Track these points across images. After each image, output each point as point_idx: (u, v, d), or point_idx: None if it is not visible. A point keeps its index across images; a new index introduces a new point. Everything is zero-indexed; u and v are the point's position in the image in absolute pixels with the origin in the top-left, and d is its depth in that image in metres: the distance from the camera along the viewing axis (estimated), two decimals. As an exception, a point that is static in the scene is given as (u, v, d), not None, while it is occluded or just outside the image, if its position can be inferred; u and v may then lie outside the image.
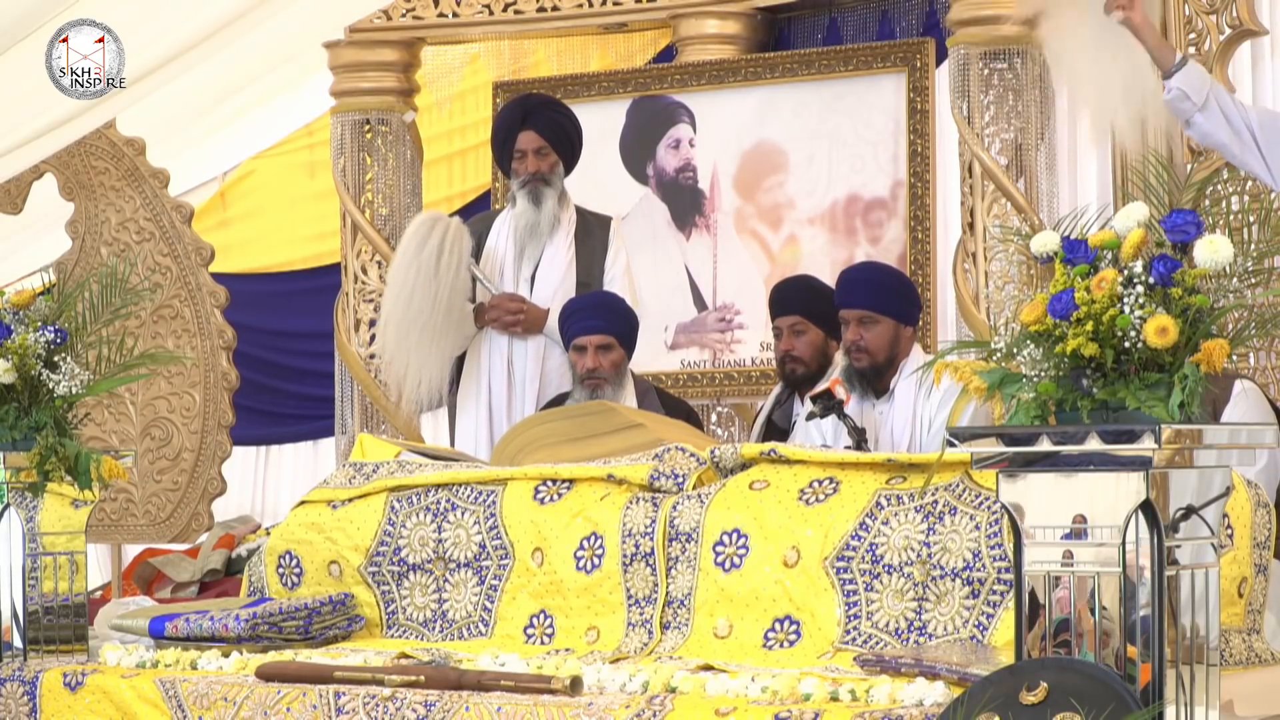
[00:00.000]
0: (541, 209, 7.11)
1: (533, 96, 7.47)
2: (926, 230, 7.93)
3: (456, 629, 5.39)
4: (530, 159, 7.11)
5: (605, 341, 6.71)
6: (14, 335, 5.56)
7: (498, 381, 7.11)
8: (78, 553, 5.74)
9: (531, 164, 7.11)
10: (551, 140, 7.12)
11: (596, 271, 7.17)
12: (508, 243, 7.16)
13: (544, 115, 7.16)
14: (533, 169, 7.11)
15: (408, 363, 7.05)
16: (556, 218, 7.14)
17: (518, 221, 7.14)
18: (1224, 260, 3.89)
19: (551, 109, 7.24)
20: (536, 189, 7.12)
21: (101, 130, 8.56)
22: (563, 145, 7.16)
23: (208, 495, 8.58)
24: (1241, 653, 4.50)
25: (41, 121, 8.32)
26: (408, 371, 7.06)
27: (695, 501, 5.11)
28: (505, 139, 7.17)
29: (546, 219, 7.12)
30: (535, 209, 7.12)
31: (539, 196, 7.11)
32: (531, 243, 7.14)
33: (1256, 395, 5.53)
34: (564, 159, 7.17)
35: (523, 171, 7.13)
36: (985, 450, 3.97)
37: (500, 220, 7.24)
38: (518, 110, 7.21)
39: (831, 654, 4.72)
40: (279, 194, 10.30)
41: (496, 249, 7.17)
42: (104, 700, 5.16)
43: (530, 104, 7.24)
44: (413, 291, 6.99)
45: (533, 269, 7.14)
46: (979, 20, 7.62)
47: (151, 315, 8.54)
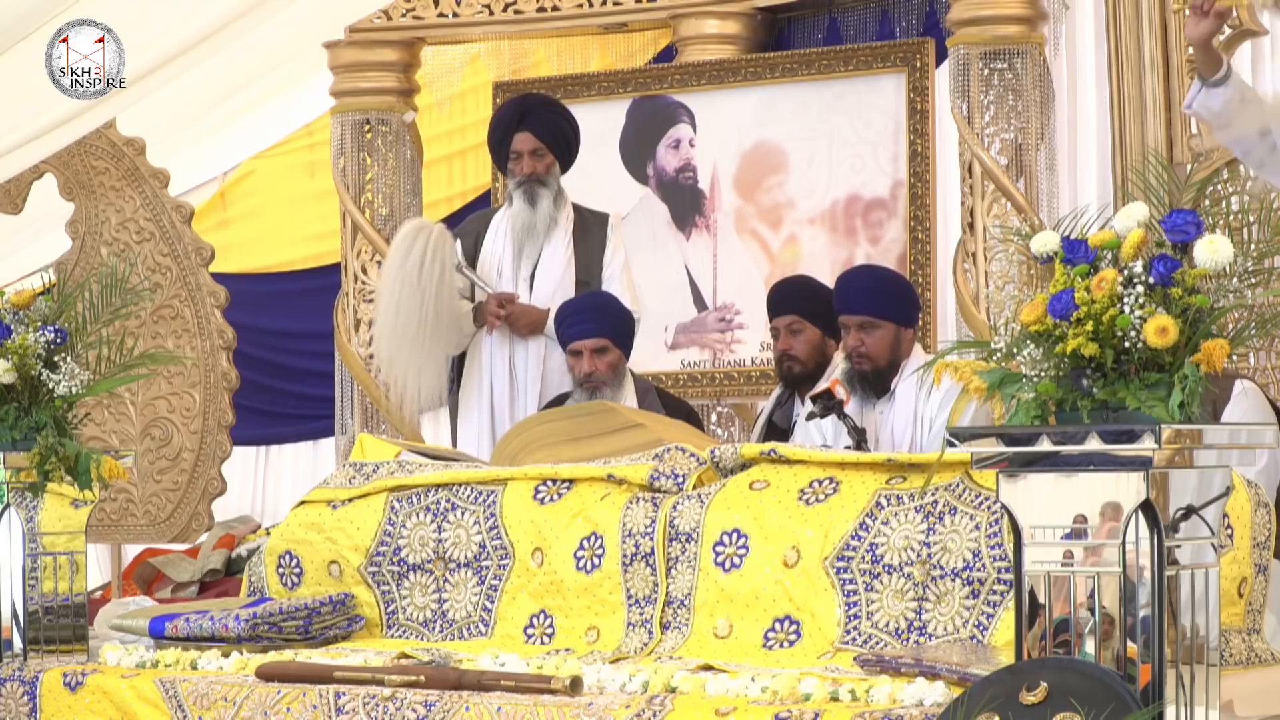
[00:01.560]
0: (537, 209, 7.12)
1: (531, 97, 7.47)
2: (926, 230, 7.93)
3: (456, 629, 5.39)
4: (526, 160, 7.12)
5: (600, 345, 6.71)
6: (14, 335, 5.56)
7: (500, 382, 7.12)
8: (78, 553, 5.74)
9: (527, 165, 7.12)
10: (548, 141, 7.13)
11: (595, 269, 7.17)
12: (505, 242, 7.17)
13: (541, 116, 7.16)
14: (528, 170, 7.12)
15: (404, 372, 7.09)
16: (553, 218, 7.14)
17: (514, 222, 7.15)
18: (1224, 260, 3.89)
19: (549, 110, 7.24)
20: (532, 189, 7.13)
21: (101, 130, 8.56)
22: (559, 146, 7.17)
23: (208, 495, 8.58)
24: (1241, 653, 4.50)
25: (41, 121, 8.32)
26: (406, 381, 7.10)
27: (695, 501, 5.11)
28: (502, 139, 7.19)
29: (542, 219, 7.13)
30: (531, 209, 7.13)
31: (534, 197, 7.13)
32: (529, 243, 7.15)
33: (1256, 395, 5.53)
34: (560, 160, 7.18)
35: (519, 172, 7.14)
36: (985, 450, 3.97)
37: (498, 219, 7.25)
38: (515, 110, 7.21)
39: (831, 654, 4.72)
40: (279, 194, 10.30)
41: (494, 248, 7.17)
42: (104, 700, 5.15)
43: (528, 105, 7.25)
44: (399, 304, 7.03)
45: (531, 268, 7.15)
46: (979, 20, 7.62)
47: (151, 315, 8.54)
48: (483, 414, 7.09)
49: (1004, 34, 7.59)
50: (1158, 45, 7.22)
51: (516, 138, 7.13)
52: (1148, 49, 7.23)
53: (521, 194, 7.14)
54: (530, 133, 7.12)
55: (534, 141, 7.12)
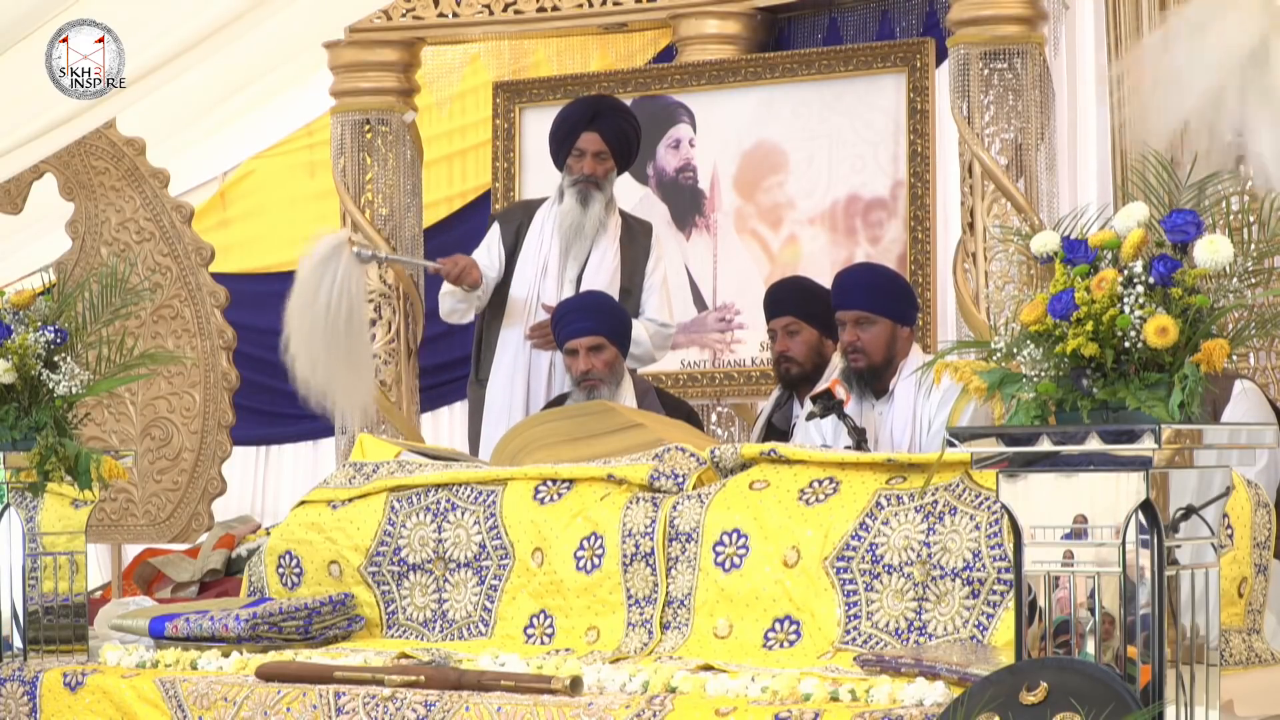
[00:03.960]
0: (588, 212, 7.10)
1: (604, 98, 7.44)
2: (926, 230, 7.93)
3: (456, 629, 5.39)
4: (589, 161, 7.09)
5: (596, 343, 6.71)
6: (14, 335, 5.56)
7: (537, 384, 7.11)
8: (78, 553, 5.74)
9: (589, 166, 7.09)
10: (613, 146, 7.12)
11: (638, 278, 7.18)
12: (552, 238, 7.14)
13: (612, 120, 7.14)
14: (589, 171, 7.09)
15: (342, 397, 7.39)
16: (602, 222, 7.12)
17: (562, 220, 7.12)
18: (1224, 260, 3.89)
19: (621, 115, 7.21)
20: (587, 191, 7.11)
21: (101, 130, 8.56)
22: (622, 153, 7.17)
23: (208, 495, 8.58)
24: (1241, 653, 4.50)
25: (41, 121, 8.31)
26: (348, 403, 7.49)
27: (695, 501, 5.11)
28: (569, 134, 7.14)
29: (592, 222, 7.10)
30: (582, 210, 7.10)
31: (588, 199, 7.10)
32: (576, 243, 7.12)
33: (1256, 395, 5.53)
34: (620, 166, 7.19)
35: (577, 171, 7.11)
36: (985, 450, 3.97)
37: (544, 212, 7.20)
38: (588, 109, 7.17)
39: (831, 654, 4.72)
40: (279, 194, 10.30)
41: (539, 242, 7.14)
42: (104, 700, 5.16)
43: (602, 105, 7.22)
44: (313, 339, 7.17)
45: (578, 270, 7.13)
46: (979, 20, 7.63)
47: (151, 315, 8.54)
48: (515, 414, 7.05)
49: (1004, 34, 7.59)
50: (1158, 45, 7.22)
51: (584, 136, 7.10)
52: (1148, 49, 7.22)
53: (575, 193, 7.11)
54: (599, 134, 7.10)
55: (601, 144, 7.10)
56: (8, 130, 8.35)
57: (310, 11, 8.50)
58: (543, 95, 8.56)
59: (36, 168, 8.69)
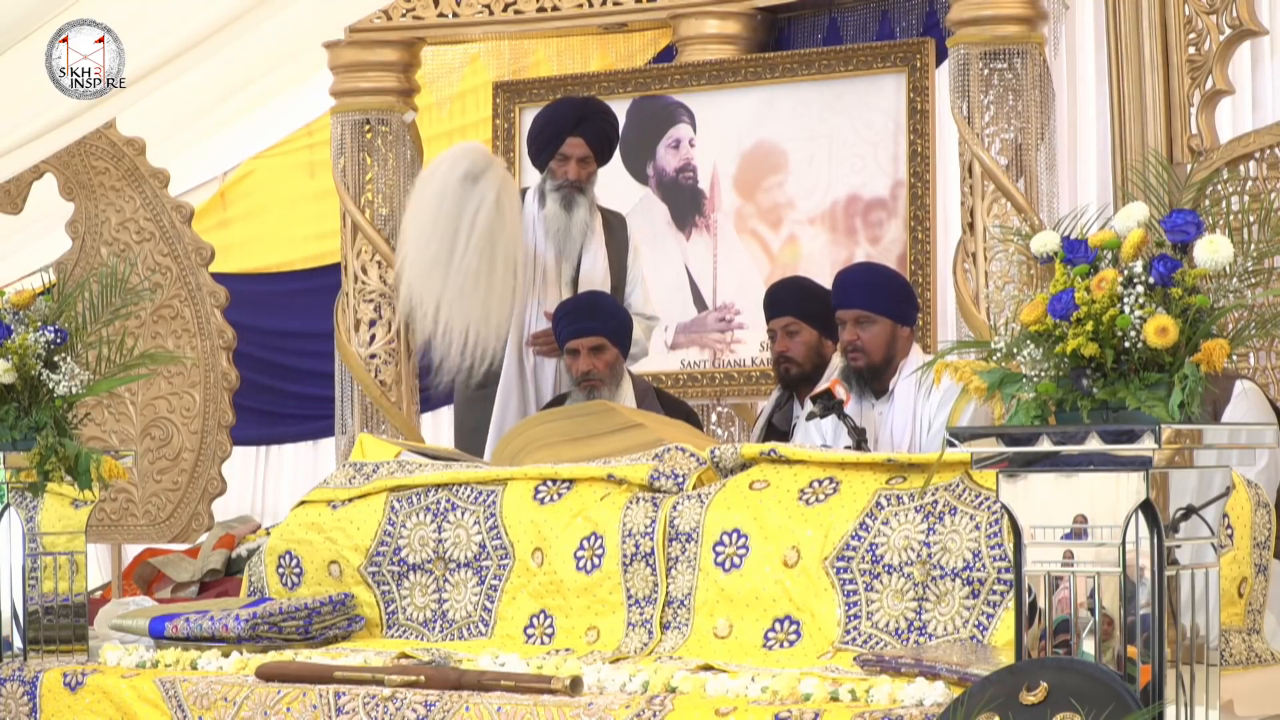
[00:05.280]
0: (573, 217, 7.08)
1: (591, 101, 7.38)
2: (926, 230, 7.93)
3: (456, 629, 5.39)
4: (574, 166, 7.06)
5: (596, 343, 6.70)
6: (14, 335, 5.56)
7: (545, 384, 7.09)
8: (78, 553, 5.74)
9: (573, 171, 7.06)
10: (597, 151, 7.09)
11: (623, 273, 7.17)
12: (546, 242, 7.12)
13: (597, 125, 7.11)
14: (574, 176, 7.06)
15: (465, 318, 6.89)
16: (588, 225, 7.11)
17: (548, 224, 7.10)
18: (1224, 260, 3.89)
19: (605, 119, 7.17)
20: (571, 196, 7.08)
21: (101, 130, 8.56)
22: (604, 156, 7.15)
23: (208, 495, 8.58)
24: (1241, 653, 4.50)
25: (41, 121, 8.31)
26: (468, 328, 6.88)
27: (695, 501, 5.11)
28: (554, 137, 7.09)
29: (578, 227, 7.09)
30: (566, 215, 7.08)
31: (572, 203, 7.08)
32: (567, 246, 7.11)
33: (1257, 395, 5.53)
34: (599, 164, 7.16)
35: (561, 175, 7.08)
36: (985, 450, 3.97)
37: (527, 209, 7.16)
38: (573, 113, 7.11)
39: (831, 654, 4.72)
40: (279, 194, 10.30)
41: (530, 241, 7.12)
42: (104, 700, 5.16)
43: (588, 109, 7.16)
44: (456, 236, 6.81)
45: (572, 273, 7.12)
46: (979, 20, 7.62)
47: (151, 315, 8.54)
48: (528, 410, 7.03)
49: (1004, 34, 7.59)
50: (1158, 45, 7.22)
51: (569, 141, 7.06)
52: (1148, 49, 7.23)
53: (559, 198, 7.08)
54: (584, 139, 7.07)
55: (586, 149, 7.06)
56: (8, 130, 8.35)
57: (310, 11, 8.50)
58: (543, 95, 8.55)
59: (36, 168, 8.70)
